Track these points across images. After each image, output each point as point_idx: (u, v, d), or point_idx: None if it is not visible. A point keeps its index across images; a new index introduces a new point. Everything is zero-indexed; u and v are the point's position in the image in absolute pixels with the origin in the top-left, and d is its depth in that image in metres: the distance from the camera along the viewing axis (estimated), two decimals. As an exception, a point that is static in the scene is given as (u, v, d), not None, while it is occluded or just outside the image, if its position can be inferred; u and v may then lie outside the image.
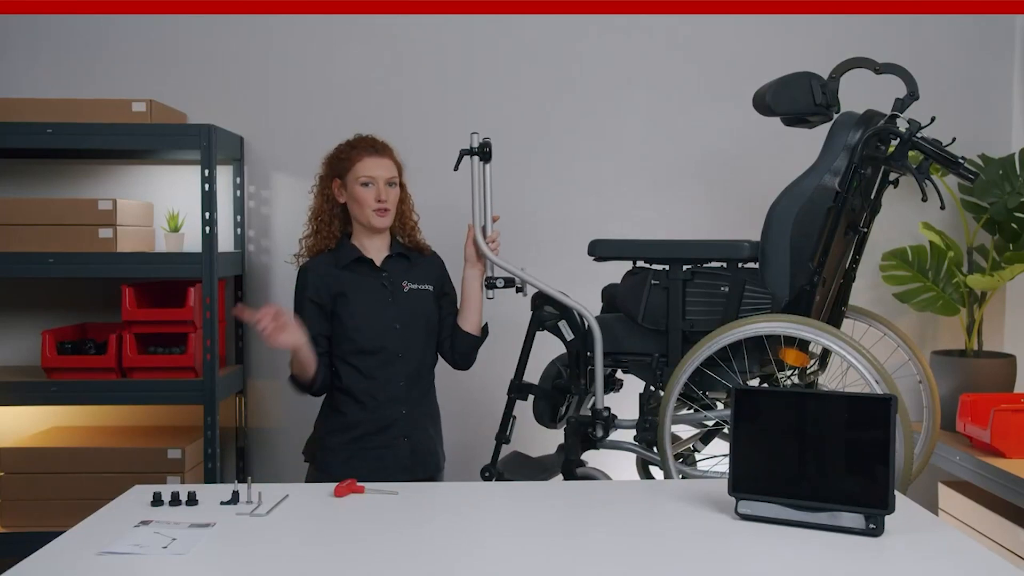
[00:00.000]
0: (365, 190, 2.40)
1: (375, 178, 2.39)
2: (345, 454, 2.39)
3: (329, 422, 2.45)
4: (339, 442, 2.40)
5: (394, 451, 2.41)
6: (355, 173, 2.40)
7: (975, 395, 2.97)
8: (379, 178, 2.40)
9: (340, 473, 2.24)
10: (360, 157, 2.41)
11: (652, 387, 2.54)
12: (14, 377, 3.15)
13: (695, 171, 3.46)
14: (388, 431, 2.40)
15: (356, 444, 2.39)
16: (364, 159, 2.40)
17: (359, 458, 2.37)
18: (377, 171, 2.40)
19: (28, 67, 3.40)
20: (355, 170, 2.40)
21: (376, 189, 2.40)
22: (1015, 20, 3.45)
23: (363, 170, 2.39)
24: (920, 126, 2.35)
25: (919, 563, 1.58)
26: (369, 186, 2.39)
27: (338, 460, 2.39)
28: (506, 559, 1.61)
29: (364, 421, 2.39)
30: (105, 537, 1.68)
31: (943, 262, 3.23)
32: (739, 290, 2.44)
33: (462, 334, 2.50)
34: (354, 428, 2.39)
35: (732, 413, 1.83)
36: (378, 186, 2.40)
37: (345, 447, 2.39)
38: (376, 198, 2.39)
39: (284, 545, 1.68)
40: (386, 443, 2.40)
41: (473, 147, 2.49)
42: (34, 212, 3.04)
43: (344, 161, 2.43)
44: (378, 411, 2.39)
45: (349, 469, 2.30)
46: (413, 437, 2.43)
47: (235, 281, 3.47)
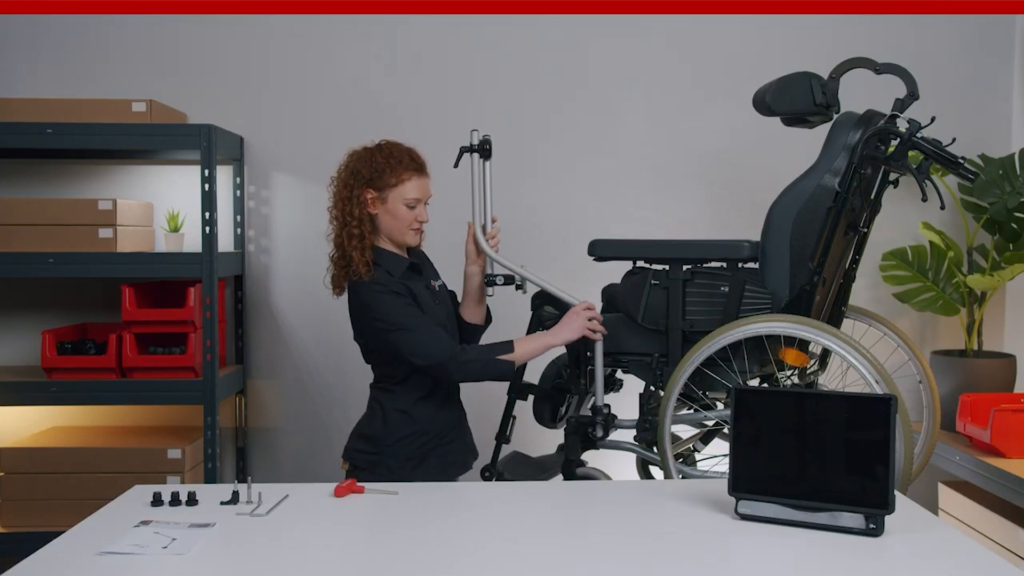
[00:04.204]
0: (409, 211, 2.34)
1: (420, 199, 2.36)
2: (418, 458, 2.35)
3: (396, 428, 2.36)
4: (411, 447, 2.35)
5: (458, 444, 2.43)
6: (402, 192, 2.33)
7: (975, 395, 2.97)
8: (423, 199, 2.37)
9: (411, 478, 2.27)
10: (409, 177, 2.34)
11: (652, 387, 2.53)
12: (14, 377, 3.16)
13: (695, 171, 3.46)
14: (455, 428, 2.43)
15: (428, 446, 2.36)
16: (414, 179, 2.34)
17: (430, 459, 2.36)
18: (424, 192, 2.37)
19: (28, 67, 3.40)
20: (402, 189, 2.32)
21: (419, 210, 2.36)
22: (1015, 20, 3.45)
23: (412, 192, 2.33)
24: (920, 126, 2.35)
25: (919, 563, 1.58)
26: (414, 208, 2.35)
27: (411, 465, 2.35)
28: (506, 559, 1.61)
29: (438, 422, 2.38)
30: (105, 537, 1.69)
31: (943, 262, 3.23)
32: (739, 290, 2.44)
33: (470, 327, 2.51)
34: (427, 431, 2.36)
35: (732, 413, 1.83)
36: (420, 207, 2.37)
37: (419, 450, 2.35)
38: (417, 218, 2.36)
39: (284, 545, 1.68)
40: (452, 439, 2.42)
41: (473, 144, 2.48)
42: (34, 212, 3.04)
43: (388, 176, 2.33)
44: (445, 409, 2.40)
45: (420, 473, 2.32)
46: (463, 432, 2.47)
47: (235, 281, 3.47)
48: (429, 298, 2.39)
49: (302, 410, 3.51)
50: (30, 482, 3.04)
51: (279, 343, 3.47)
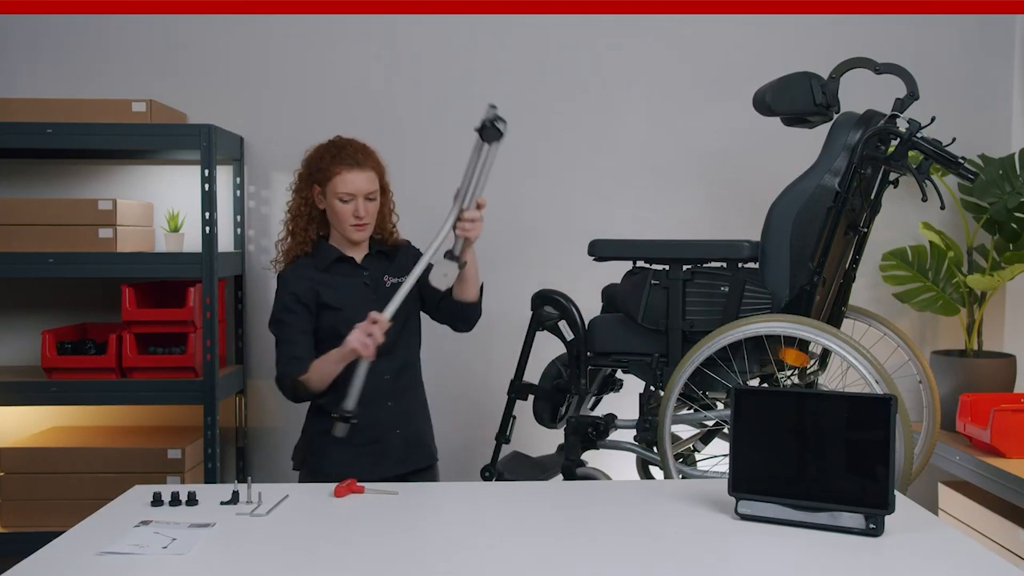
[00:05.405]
0: (344, 206, 2.33)
1: (354, 194, 2.33)
2: (339, 454, 2.34)
3: (318, 424, 2.39)
4: (331, 443, 2.29)
5: (387, 444, 2.38)
6: (334, 187, 2.33)
7: (975, 395, 2.97)
8: (358, 194, 2.33)
9: (337, 474, 2.22)
10: (340, 171, 2.32)
11: (652, 387, 2.54)
12: (14, 377, 3.15)
13: (695, 171, 3.46)
14: (379, 426, 2.37)
15: (349, 442, 2.27)
16: (344, 173, 2.32)
17: (354, 456, 2.33)
18: (357, 186, 2.33)
19: (28, 67, 3.40)
20: (334, 184, 2.33)
21: (355, 205, 2.33)
22: (1015, 20, 3.45)
23: (342, 186, 2.32)
24: (920, 126, 2.35)
25: (919, 563, 1.58)
26: (348, 202, 2.33)
27: (332, 461, 2.34)
28: (506, 559, 1.61)
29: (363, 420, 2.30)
30: (105, 537, 1.68)
31: (943, 262, 3.23)
32: (739, 290, 2.44)
33: (461, 305, 2.42)
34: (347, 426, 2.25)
35: (732, 413, 1.83)
36: (357, 202, 2.33)
37: (339, 447, 2.31)
38: (354, 213, 2.33)
39: (284, 545, 1.68)
40: (378, 437, 2.37)
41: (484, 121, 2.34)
42: (34, 212, 3.04)
43: (324, 171, 2.35)
44: (367, 407, 2.28)
45: (345, 468, 2.25)
46: (405, 429, 2.41)
47: (235, 281, 3.46)
48: (355, 292, 2.36)
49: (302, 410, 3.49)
50: (30, 482, 3.04)
51: (279, 343, 3.46)
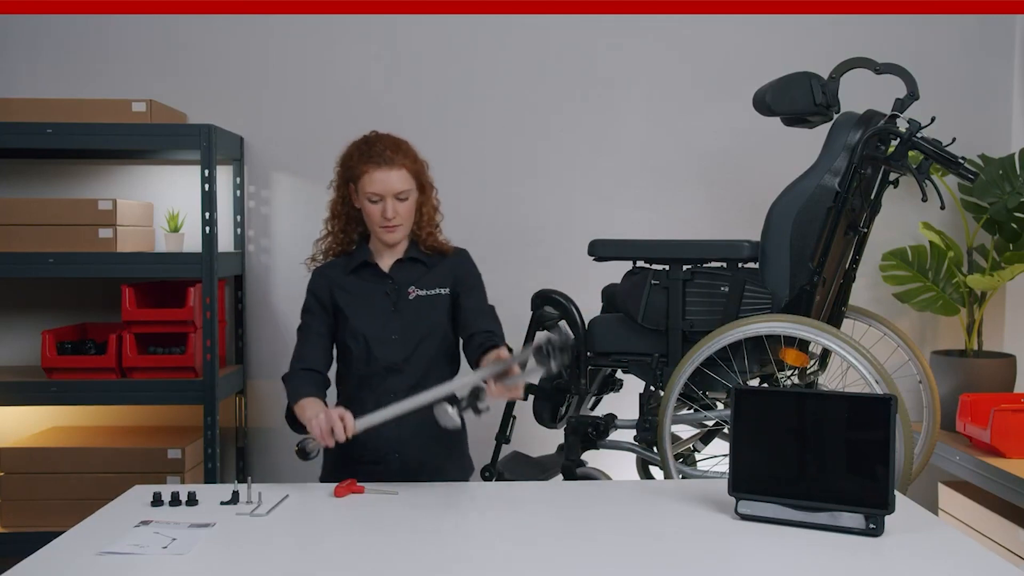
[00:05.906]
0: (373, 206, 2.19)
1: (382, 195, 2.17)
2: (338, 468, 2.24)
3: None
4: (331, 454, 2.23)
5: (384, 467, 2.22)
6: (363, 187, 2.19)
7: (975, 395, 2.97)
8: (387, 194, 2.17)
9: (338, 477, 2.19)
10: (367, 169, 2.18)
11: (652, 387, 2.54)
12: (14, 377, 3.15)
13: (695, 171, 3.46)
14: (376, 446, 2.19)
15: (346, 457, 2.21)
16: (372, 172, 2.17)
17: (350, 471, 2.16)
18: (385, 186, 2.17)
19: (28, 67, 3.40)
20: (362, 183, 2.19)
21: (383, 206, 2.18)
22: (1015, 20, 3.45)
23: (369, 186, 2.17)
24: (920, 126, 2.35)
25: (919, 563, 1.58)
26: (377, 203, 2.18)
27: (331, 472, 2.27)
28: (506, 559, 1.61)
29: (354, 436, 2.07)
30: (105, 537, 1.69)
31: (943, 262, 3.23)
32: (739, 290, 2.44)
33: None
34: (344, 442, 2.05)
35: (732, 413, 1.83)
36: (385, 202, 2.17)
37: (338, 459, 2.23)
38: (383, 214, 2.18)
39: (284, 545, 1.68)
40: (375, 458, 2.22)
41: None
42: (34, 212, 3.04)
43: (353, 169, 2.22)
44: None
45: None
46: (405, 453, 2.22)
47: (235, 281, 3.46)
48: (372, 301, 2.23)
49: (302, 410, 3.50)
50: (30, 482, 3.04)
51: (279, 343, 3.46)
